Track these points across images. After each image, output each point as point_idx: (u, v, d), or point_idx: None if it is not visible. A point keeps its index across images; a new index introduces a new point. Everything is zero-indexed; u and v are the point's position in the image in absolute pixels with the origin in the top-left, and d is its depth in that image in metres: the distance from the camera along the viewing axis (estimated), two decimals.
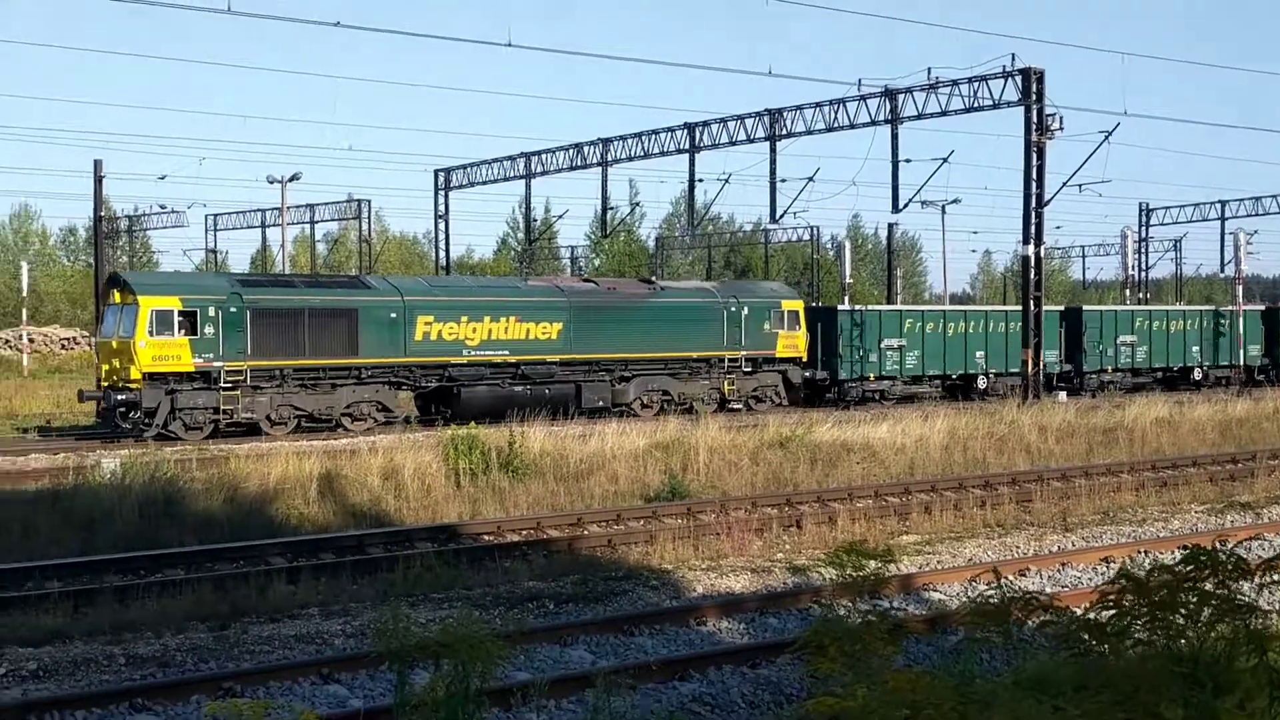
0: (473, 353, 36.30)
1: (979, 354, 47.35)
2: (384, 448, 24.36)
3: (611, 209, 58.55)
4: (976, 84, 42.17)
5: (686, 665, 12.16)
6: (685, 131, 50.35)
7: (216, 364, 32.42)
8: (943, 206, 72.88)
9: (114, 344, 32.80)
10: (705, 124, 49.92)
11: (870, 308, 48.04)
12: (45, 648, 13.15)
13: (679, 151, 51.03)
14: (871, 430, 29.17)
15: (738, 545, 18.39)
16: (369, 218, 65.40)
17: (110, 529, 19.12)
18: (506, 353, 36.76)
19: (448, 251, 62.67)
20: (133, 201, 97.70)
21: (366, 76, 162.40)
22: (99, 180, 53.31)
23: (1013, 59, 41.29)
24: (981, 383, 47.16)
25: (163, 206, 64.95)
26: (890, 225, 71.96)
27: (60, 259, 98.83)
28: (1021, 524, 21.06)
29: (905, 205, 45.60)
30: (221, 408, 32.62)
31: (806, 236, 78.51)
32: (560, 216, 75.05)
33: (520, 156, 57.71)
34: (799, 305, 43.26)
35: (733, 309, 41.13)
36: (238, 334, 32.71)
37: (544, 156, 56.85)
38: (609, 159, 53.78)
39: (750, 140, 48.56)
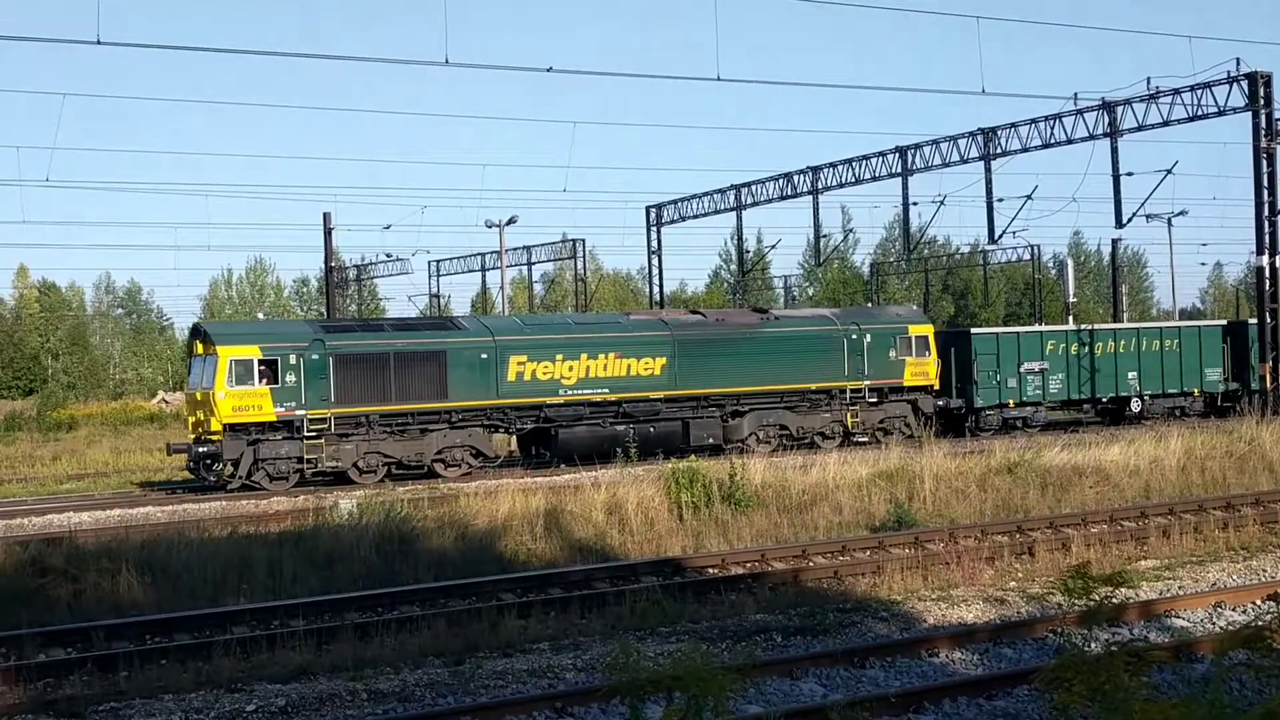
0: (569, 392, 34.99)
1: (1131, 375, 43.74)
2: (606, 483, 24.57)
3: (824, 236, 58.27)
4: (1199, 91, 40.77)
5: (921, 697, 11.95)
6: (897, 155, 49.80)
7: (299, 413, 31.85)
8: (1168, 219, 70.56)
9: (198, 395, 32.64)
10: (917, 146, 49.30)
11: (1008, 329, 45.66)
12: (292, 684, 13.59)
13: (891, 175, 50.52)
14: (1103, 453, 28.23)
15: (968, 574, 18.02)
16: (583, 257, 66.25)
17: (349, 567, 19.69)
18: (606, 391, 35.35)
19: (661, 287, 63.14)
20: (360, 251, 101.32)
21: (579, 118, 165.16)
22: (328, 232, 55.14)
23: (1237, 64, 39.86)
24: (1135, 406, 43.67)
25: (388, 255, 67.12)
26: (1114, 241, 69.63)
27: (294, 309, 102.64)
28: (1268, 547, 20.14)
29: (1129, 220, 44.51)
30: (305, 457, 31.94)
31: (1027, 256, 76.70)
32: (772, 247, 74.97)
33: (730, 189, 57.88)
34: (928, 330, 40.61)
35: (854, 336, 38.83)
36: (320, 381, 32.09)
37: (754, 187, 56.91)
38: (820, 186, 53.55)
39: (964, 160, 47.72)
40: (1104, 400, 43.93)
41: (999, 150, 46.42)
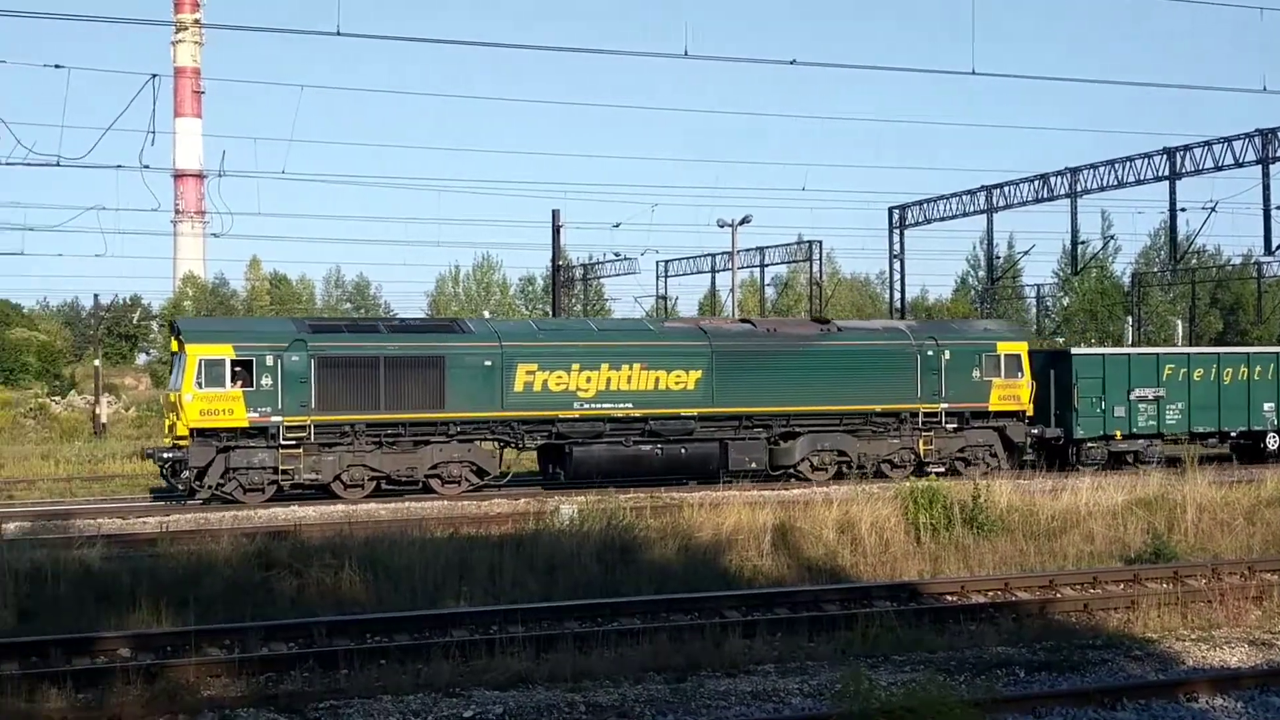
0: (586, 405, 31.75)
1: (1267, 406, 38.50)
2: (839, 500, 23.76)
3: (1081, 243, 55.62)
4: None
5: None
6: (1164, 157, 46.96)
7: (275, 419, 29.34)
8: None
9: (170, 397, 30.78)
10: (1187, 148, 46.26)
11: (1116, 350, 41.79)
12: (510, 692, 13.25)
13: (1157, 179, 47.51)
14: None
15: (1232, 614, 16.76)
16: (819, 259, 64.92)
17: (570, 574, 19.35)
18: (629, 406, 32.01)
19: (902, 293, 61.38)
20: (588, 249, 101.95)
21: (821, 114, 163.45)
22: (556, 230, 55.20)
23: None
24: (1272, 442, 38.43)
25: (616, 254, 66.83)
26: None
27: (519, 308, 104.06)
28: None
29: None
30: (281, 468, 29.45)
31: None
32: (1025, 253, 72.33)
33: (980, 190, 55.73)
34: (1021, 348, 36.15)
35: (929, 353, 34.72)
36: (300, 385, 29.51)
37: (1006, 189, 54.61)
38: (1078, 189, 50.79)
39: (1239, 164, 44.29)
40: (1233, 434, 38.79)
41: (1279, 153, 43.45)
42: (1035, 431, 36.01)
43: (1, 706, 12.70)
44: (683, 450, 32.36)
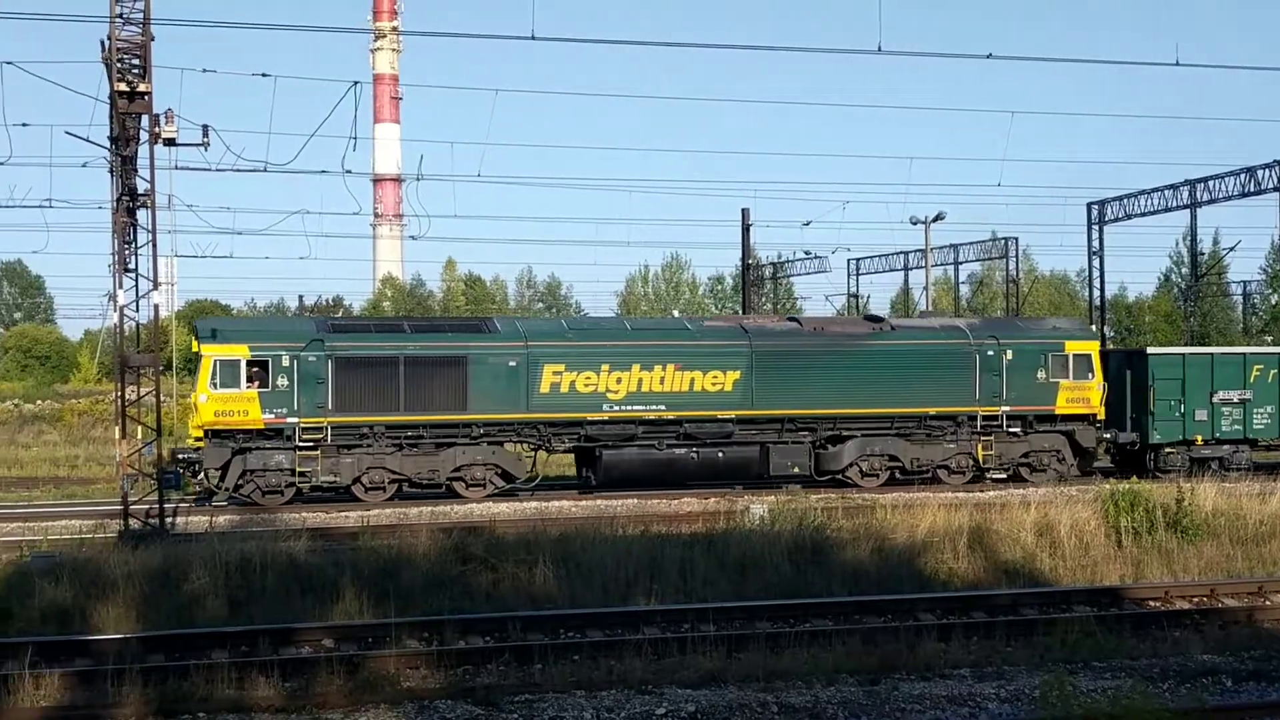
0: (616, 408, 30.49)
1: None
2: (1036, 502, 23.26)
3: None
4: None
5: None
6: None
7: (290, 420, 28.81)
8: None
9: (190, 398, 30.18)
10: None
11: (1197, 350, 38.59)
12: (702, 690, 13.29)
13: None
14: None
15: None
16: (1015, 256, 63.40)
17: (761, 574, 19.30)
18: (662, 408, 30.64)
19: (1102, 290, 59.57)
20: (777, 248, 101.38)
21: (1017, 108, 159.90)
22: (746, 228, 54.91)
23: None
24: None
25: (807, 252, 66.17)
26: None
27: (709, 307, 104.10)
28: None
29: None
30: (299, 469, 28.95)
31: None
32: (1230, 249, 69.30)
33: (1184, 184, 53.80)
34: (1092, 347, 34.00)
35: (990, 353, 32.71)
36: (317, 386, 28.96)
37: (1211, 183, 52.64)
38: None
39: None
40: None
41: None
42: (1108, 436, 34.14)
43: (212, 694, 13.20)
44: (720, 454, 31.08)
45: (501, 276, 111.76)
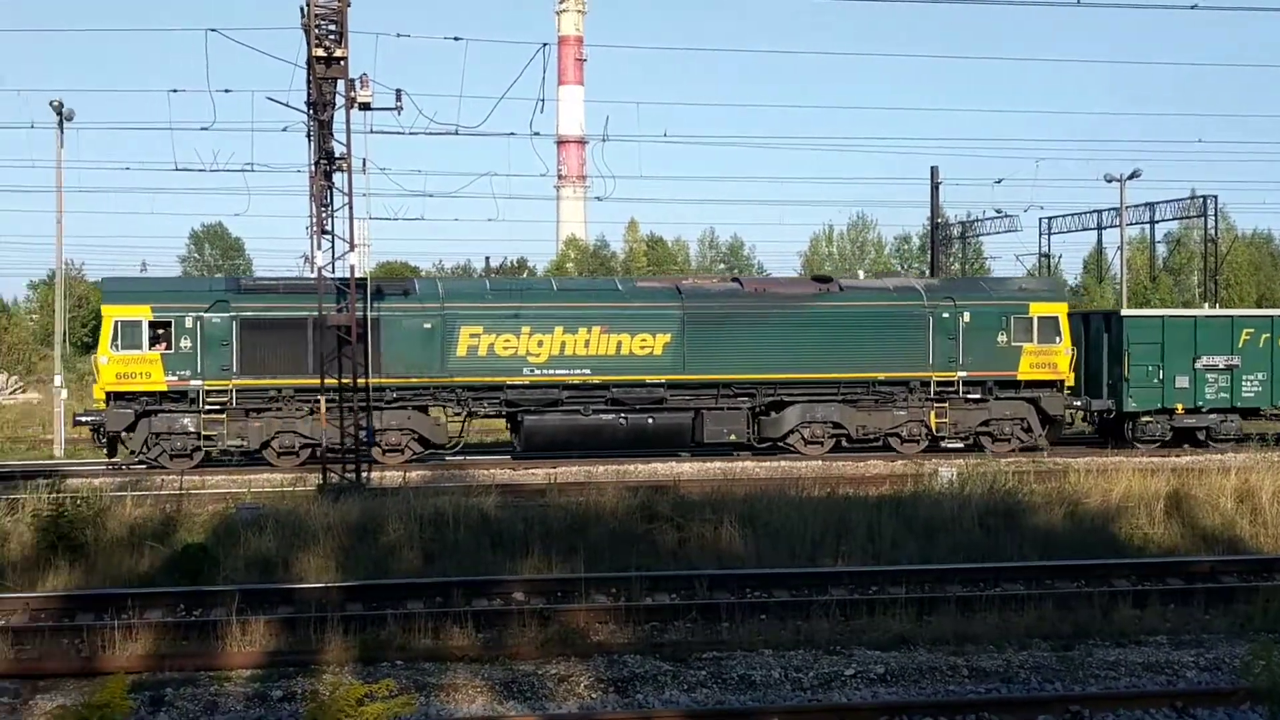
0: (538, 371, 29.49)
1: None
2: (1237, 468, 22.52)
3: None
4: None
5: None
6: None
7: (194, 383, 28.30)
8: None
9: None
10: None
11: (1178, 312, 35.89)
12: (891, 652, 13.23)
13: None
14: None
15: None
16: (1214, 215, 61.29)
17: (950, 537, 19.08)
18: (587, 372, 29.49)
19: None
20: (966, 207, 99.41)
21: (1220, 60, 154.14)
22: (935, 187, 53.96)
23: None
24: None
25: (998, 211, 64.81)
26: None
27: (895, 267, 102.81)
28: None
29: None
30: (204, 433, 28.41)
31: None
32: None
33: None
34: (1059, 309, 32.04)
35: (945, 315, 30.94)
36: (221, 348, 28.40)
37: None
38: None
39: None
40: None
41: None
42: (1078, 403, 32.50)
43: (409, 642, 13.58)
44: (650, 420, 29.87)
45: (684, 237, 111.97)
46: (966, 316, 31.17)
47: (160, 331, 28.44)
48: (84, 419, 29.23)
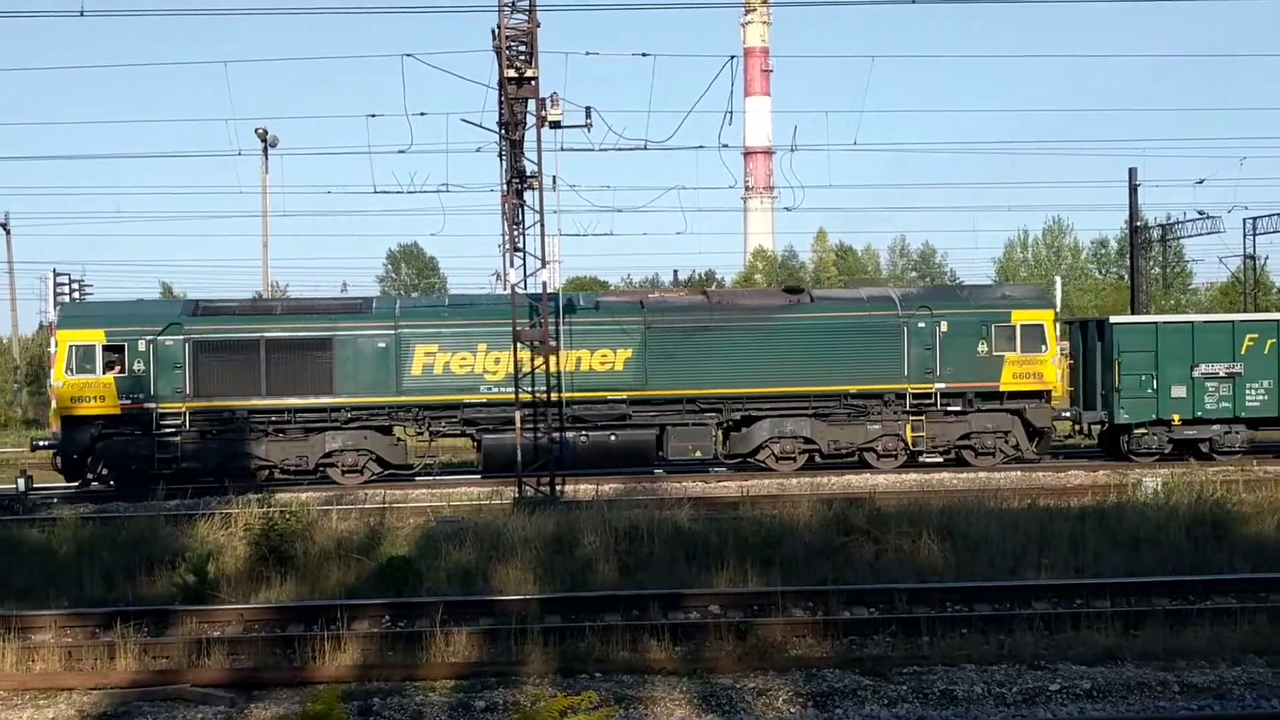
0: (496, 389, 28.82)
1: None
2: None
3: None
4: None
5: None
6: None
7: (149, 405, 28.35)
8: None
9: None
10: None
11: (1173, 318, 33.50)
12: (1097, 667, 12.90)
13: None
14: None
15: None
16: None
17: (1155, 549, 18.54)
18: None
19: None
20: (1166, 209, 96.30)
21: None
22: (1133, 189, 52.65)
23: None
24: None
25: (1200, 213, 62.81)
26: None
27: (1091, 272, 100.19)
28: None
29: None
30: (158, 456, 28.32)
31: None
32: None
33: None
34: (1045, 317, 30.53)
35: (921, 324, 29.77)
36: (175, 371, 28.47)
37: None
38: None
39: None
40: None
41: None
42: (1067, 415, 31.21)
43: (608, 654, 13.70)
44: (612, 437, 29.08)
45: (874, 246, 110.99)
46: (944, 326, 30.11)
47: (114, 355, 28.71)
48: (42, 444, 29.75)
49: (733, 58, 29.05)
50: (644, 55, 34.02)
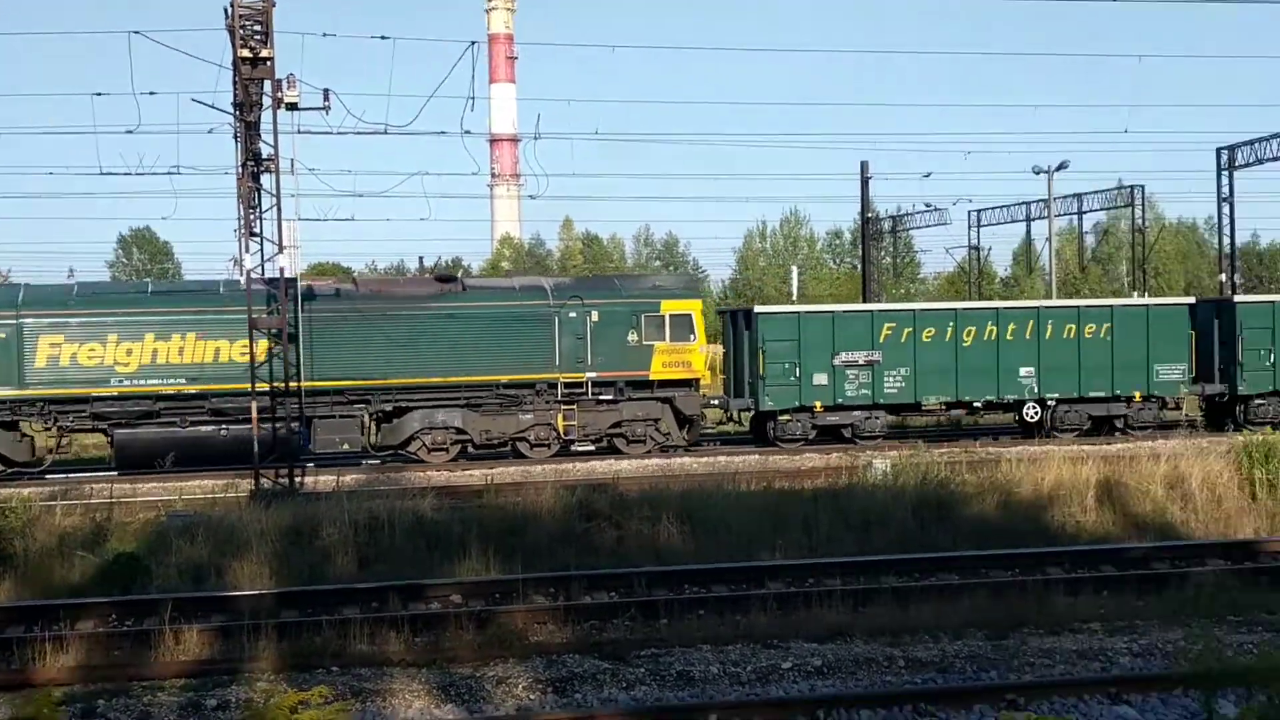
0: (128, 382, 27.79)
1: (1025, 371, 32.63)
2: (1166, 455, 22.83)
3: None
4: None
5: None
6: None
7: None
8: None
9: None
10: None
11: (815, 308, 35.17)
12: (828, 644, 13.27)
13: None
14: None
15: None
16: (1142, 205, 61.94)
17: (885, 529, 19.21)
18: (182, 381, 27.83)
19: (1232, 238, 58.08)
20: (897, 201, 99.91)
21: (1145, 52, 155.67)
22: (865, 182, 54.32)
23: None
24: (1030, 412, 32.44)
25: (927, 205, 65.28)
26: None
27: (827, 262, 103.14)
28: None
29: None
30: None
31: None
32: None
33: None
34: (693, 306, 31.00)
35: (572, 314, 29.84)
36: None
37: None
38: None
39: None
40: (978, 404, 32.97)
41: None
42: (717, 402, 32.48)
43: (345, 648, 13.47)
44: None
45: (619, 235, 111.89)
46: (595, 315, 30.08)
47: None
48: None
49: (474, 43, 28.85)
50: (384, 38, 33.32)
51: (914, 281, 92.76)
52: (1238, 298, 36.26)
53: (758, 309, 32.83)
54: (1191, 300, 35.68)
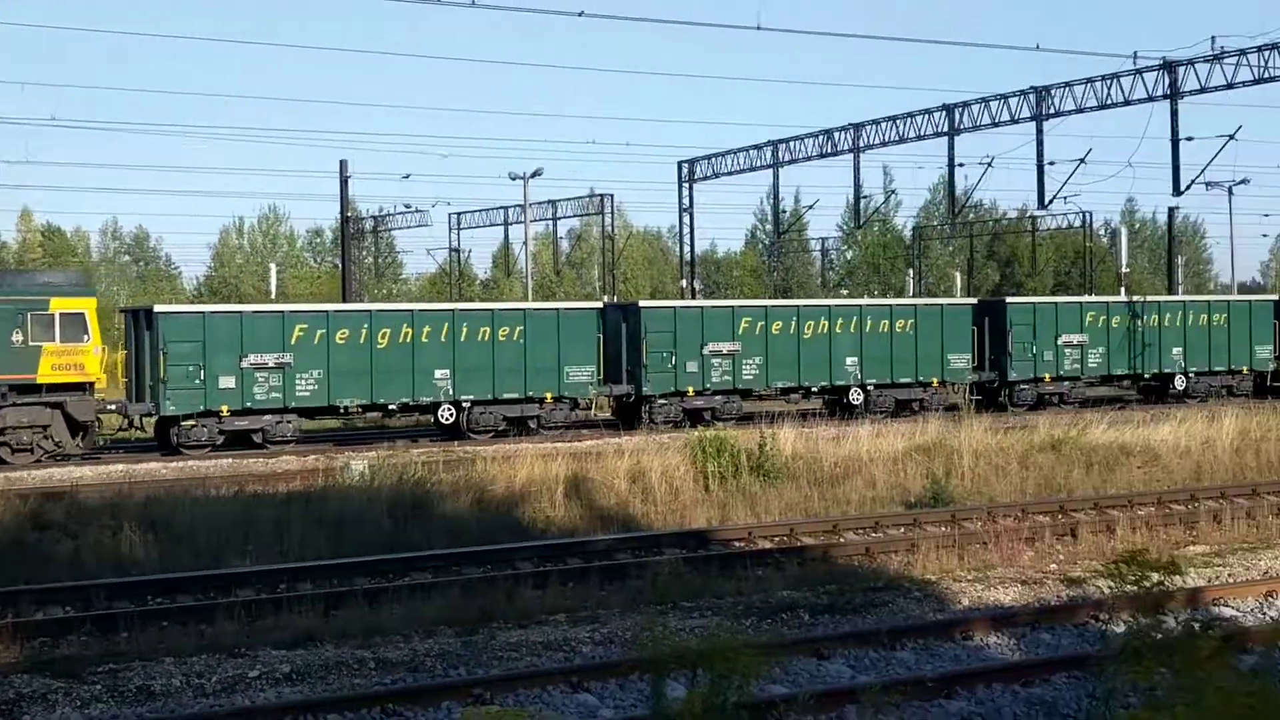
0: None
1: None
2: (631, 449, 23.95)
3: (865, 198, 56.48)
4: (1267, 52, 38.74)
5: (954, 682, 11.39)
6: (944, 113, 47.69)
7: None
8: (1229, 188, 67.99)
9: None
10: (965, 104, 47.06)
11: (220, 308, 37.77)
12: (298, 650, 13.03)
13: (937, 135, 48.16)
14: (1152, 432, 27.40)
15: (1006, 555, 17.32)
16: (612, 213, 64.95)
17: (360, 531, 19.11)
18: None
19: (692, 246, 61.92)
20: (377, 201, 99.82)
21: (609, 66, 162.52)
22: (344, 181, 53.88)
23: None
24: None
25: (407, 206, 65.76)
26: (1171, 210, 68.15)
27: (308, 260, 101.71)
28: None
29: (1187, 187, 43.18)
30: None
31: (1078, 223, 71.74)
32: (810, 207, 73.55)
33: (768, 145, 56.11)
34: (87, 305, 29.83)
35: None
36: None
37: (792, 144, 54.99)
38: (861, 145, 51.06)
39: (1015, 121, 45.37)
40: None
41: (1052, 110, 44.41)
42: (114, 407, 30.74)
43: None
44: None
45: (85, 227, 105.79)
46: None
47: None
48: None
49: None
50: None
51: (396, 282, 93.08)
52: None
53: (158, 308, 31.66)
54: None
